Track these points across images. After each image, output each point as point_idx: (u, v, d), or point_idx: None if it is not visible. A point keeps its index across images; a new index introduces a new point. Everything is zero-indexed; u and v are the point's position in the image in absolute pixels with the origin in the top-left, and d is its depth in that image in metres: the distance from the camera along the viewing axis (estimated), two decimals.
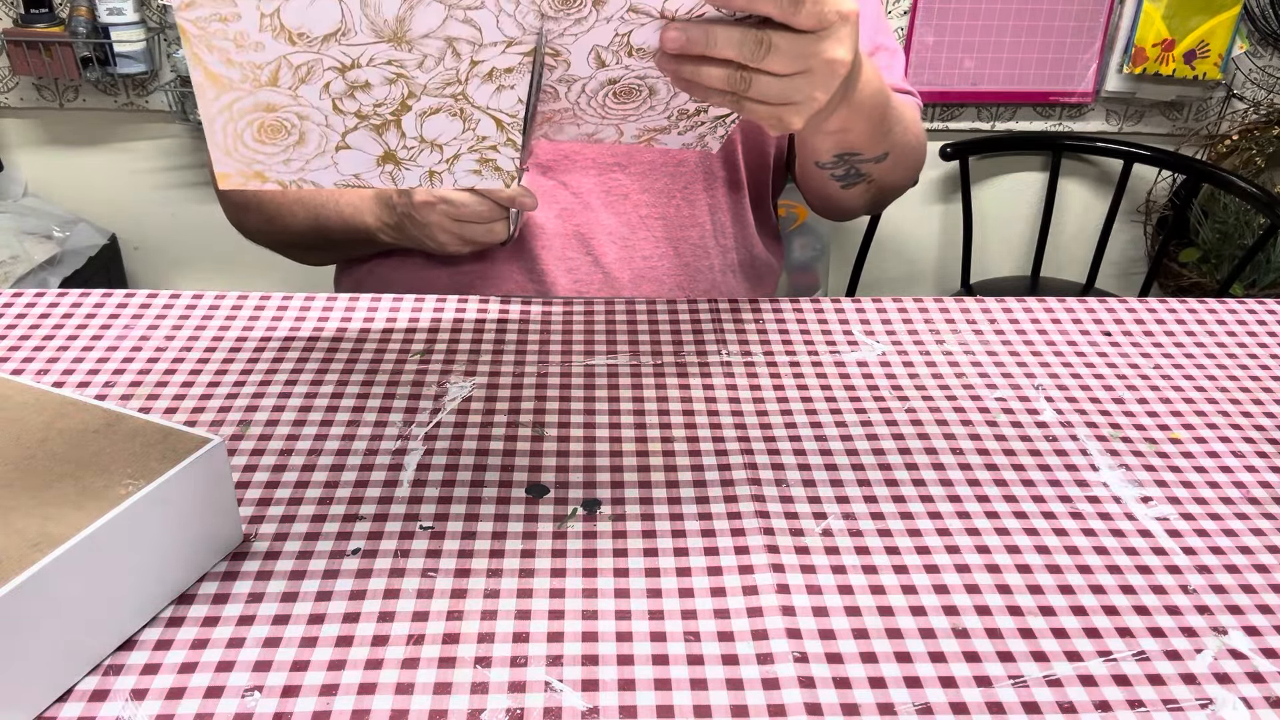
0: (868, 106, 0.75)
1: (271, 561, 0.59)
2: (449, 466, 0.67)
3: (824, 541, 0.61)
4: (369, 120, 0.67)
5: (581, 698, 0.51)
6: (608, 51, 0.65)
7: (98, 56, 1.86)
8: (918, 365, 0.79)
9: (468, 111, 0.66)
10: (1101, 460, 0.69)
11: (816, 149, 0.85)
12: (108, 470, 0.55)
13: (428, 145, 0.69)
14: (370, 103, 0.66)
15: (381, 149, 0.69)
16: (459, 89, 0.65)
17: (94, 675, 0.52)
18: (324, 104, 0.66)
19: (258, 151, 0.70)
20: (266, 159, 0.70)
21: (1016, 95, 2.04)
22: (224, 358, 0.77)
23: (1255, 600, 0.58)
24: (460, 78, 0.65)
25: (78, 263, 1.94)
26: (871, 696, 0.52)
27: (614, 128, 0.72)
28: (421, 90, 0.65)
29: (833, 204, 0.96)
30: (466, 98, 0.66)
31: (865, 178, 0.88)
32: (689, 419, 0.72)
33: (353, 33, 0.62)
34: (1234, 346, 0.83)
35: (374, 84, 0.65)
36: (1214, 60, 1.96)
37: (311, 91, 0.65)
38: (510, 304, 0.84)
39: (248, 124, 0.68)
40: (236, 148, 0.69)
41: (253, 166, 0.70)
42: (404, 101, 0.66)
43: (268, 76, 0.65)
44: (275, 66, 0.64)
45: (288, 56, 0.63)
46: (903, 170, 0.91)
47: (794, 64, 0.60)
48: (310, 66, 0.64)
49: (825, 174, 0.88)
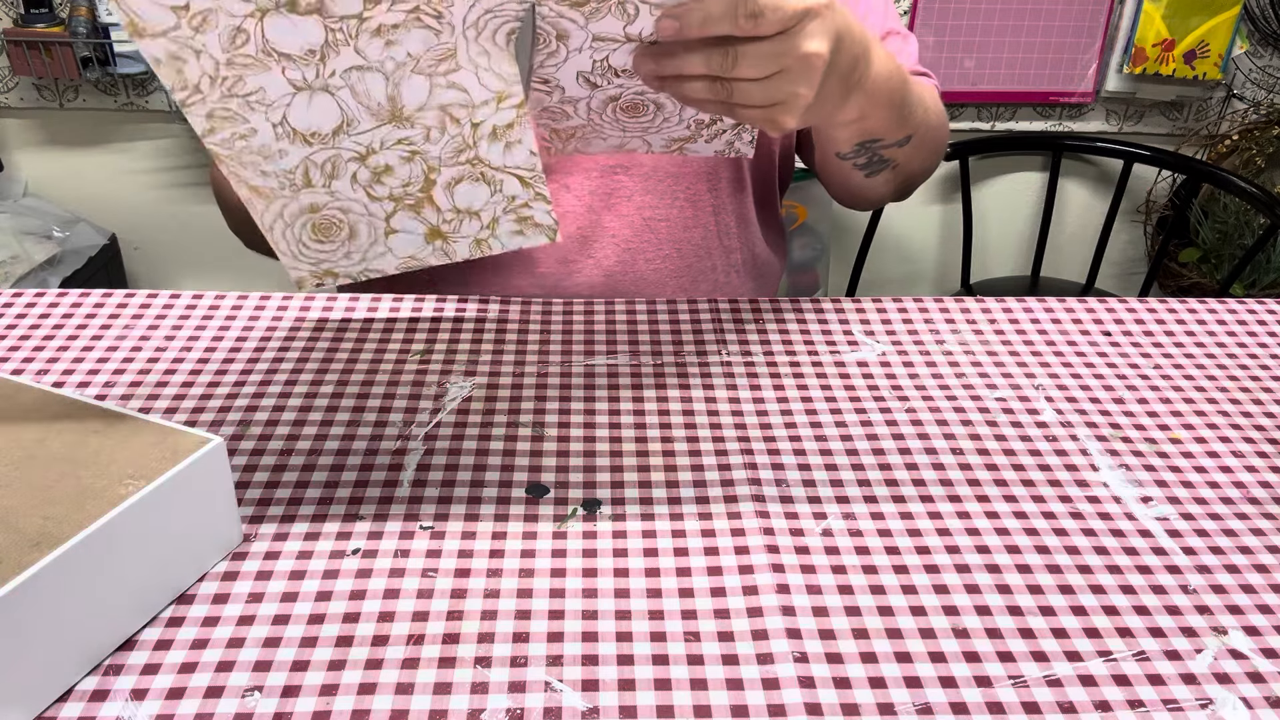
0: (884, 91, 0.74)
1: (271, 561, 0.59)
2: (449, 466, 0.67)
3: (824, 541, 0.61)
4: (403, 202, 0.71)
5: (581, 698, 0.51)
6: (594, 74, 0.67)
7: (98, 56, 1.86)
8: (918, 365, 0.79)
9: (488, 174, 0.69)
10: (1101, 460, 0.69)
11: (836, 140, 0.83)
12: (108, 470, 0.55)
13: (465, 214, 0.72)
14: (398, 184, 0.69)
15: (425, 226, 0.73)
16: (472, 153, 0.68)
17: (94, 675, 0.52)
18: (358, 194, 0.70)
19: (319, 250, 0.74)
20: (329, 256, 0.74)
21: (1016, 95, 2.04)
22: (224, 358, 0.77)
23: (1255, 600, 0.58)
24: (469, 142, 0.67)
25: (78, 263, 1.94)
26: (871, 696, 0.52)
27: (639, 139, 0.74)
28: (439, 163, 0.68)
29: (857, 194, 0.94)
30: (482, 161, 0.68)
31: (889, 164, 0.86)
32: (689, 419, 0.72)
33: (356, 122, 0.65)
34: (1234, 346, 0.83)
35: (394, 166, 0.68)
36: (1214, 60, 1.96)
37: (344, 185, 0.69)
38: (510, 304, 0.84)
39: (302, 227, 0.72)
40: (300, 251, 0.74)
41: (321, 265, 0.75)
42: (427, 177, 0.69)
43: (301, 179, 0.69)
44: (304, 168, 0.67)
45: (310, 157, 0.67)
46: (927, 152, 0.89)
47: (767, 66, 0.60)
48: (333, 161, 0.67)
49: (848, 165, 0.86)
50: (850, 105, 0.70)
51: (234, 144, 0.67)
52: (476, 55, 0.62)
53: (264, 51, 0.61)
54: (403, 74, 0.63)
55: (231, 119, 0.65)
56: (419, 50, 0.62)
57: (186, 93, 0.63)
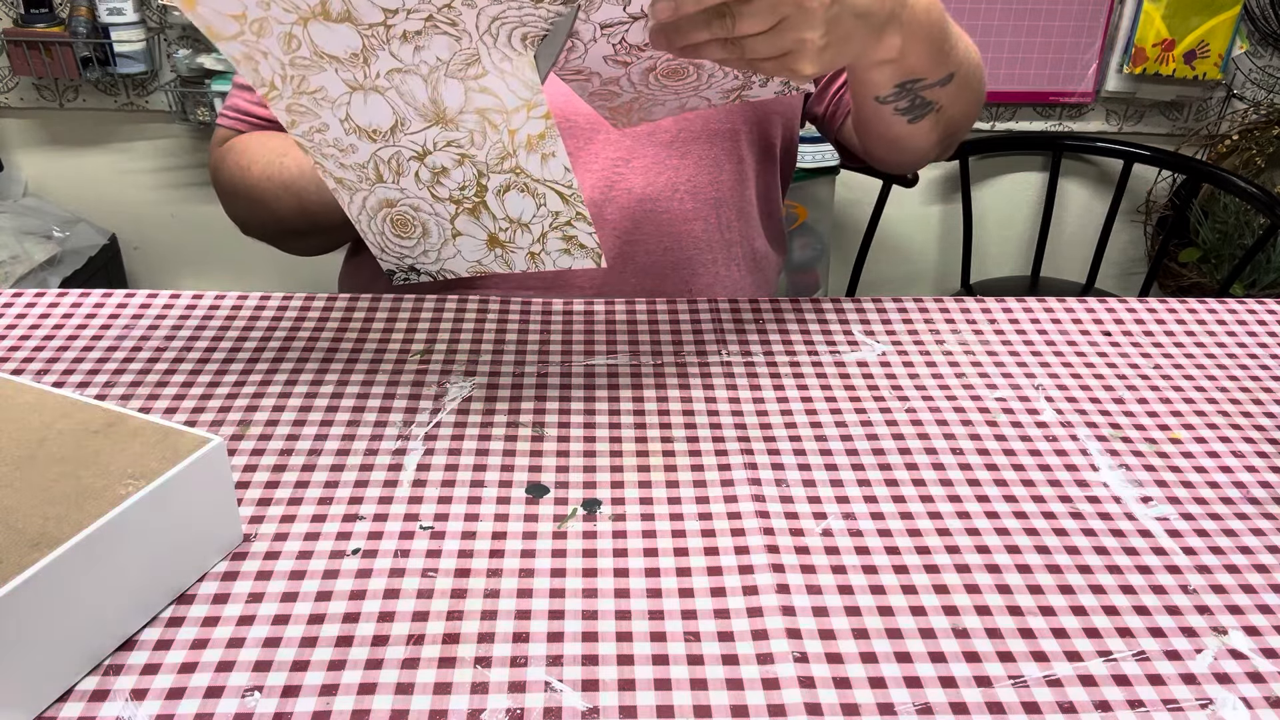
0: (924, 25, 0.72)
1: (271, 561, 0.59)
2: (449, 466, 0.67)
3: (824, 541, 0.61)
4: (463, 205, 0.74)
5: (581, 698, 0.51)
6: (620, 55, 0.68)
7: (98, 56, 1.86)
8: (918, 365, 0.79)
9: (531, 185, 0.72)
10: (1101, 460, 0.69)
11: (875, 83, 0.80)
12: (108, 470, 0.55)
13: (516, 225, 0.74)
14: (455, 186, 0.73)
15: (485, 233, 0.76)
16: (513, 161, 0.70)
17: (94, 675, 0.52)
18: (423, 193, 0.74)
19: (401, 245, 0.79)
20: (410, 251, 0.79)
21: (1016, 95, 2.04)
22: (224, 358, 0.77)
23: (1255, 600, 0.58)
24: (509, 149, 0.69)
25: (78, 263, 1.95)
26: (871, 696, 0.52)
27: (695, 98, 0.76)
28: (486, 168, 0.71)
29: (901, 146, 0.89)
30: (524, 171, 0.71)
31: (932, 106, 0.82)
32: (689, 419, 0.72)
33: (408, 121, 0.69)
34: (1234, 346, 0.83)
35: (449, 168, 0.72)
36: (1214, 60, 1.96)
37: (410, 183, 0.73)
38: (510, 304, 0.84)
39: (383, 220, 0.77)
40: (385, 244, 0.79)
41: (405, 260, 0.80)
42: (479, 181, 0.72)
43: (373, 173, 0.73)
44: (374, 163, 0.72)
45: (377, 152, 0.71)
46: (971, 96, 0.86)
47: (767, 19, 0.61)
48: (396, 158, 0.71)
49: (889, 109, 0.83)
50: (886, 42, 0.68)
51: (313, 137, 0.70)
52: (499, 61, 0.65)
53: (316, 54, 0.65)
54: (438, 76, 0.65)
55: (306, 114, 0.69)
56: (445, 55, 0.64)
57: (266, 89, 0.67)
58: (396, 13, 0.62)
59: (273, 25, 0.63)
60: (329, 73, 0.66)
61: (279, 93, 0.68)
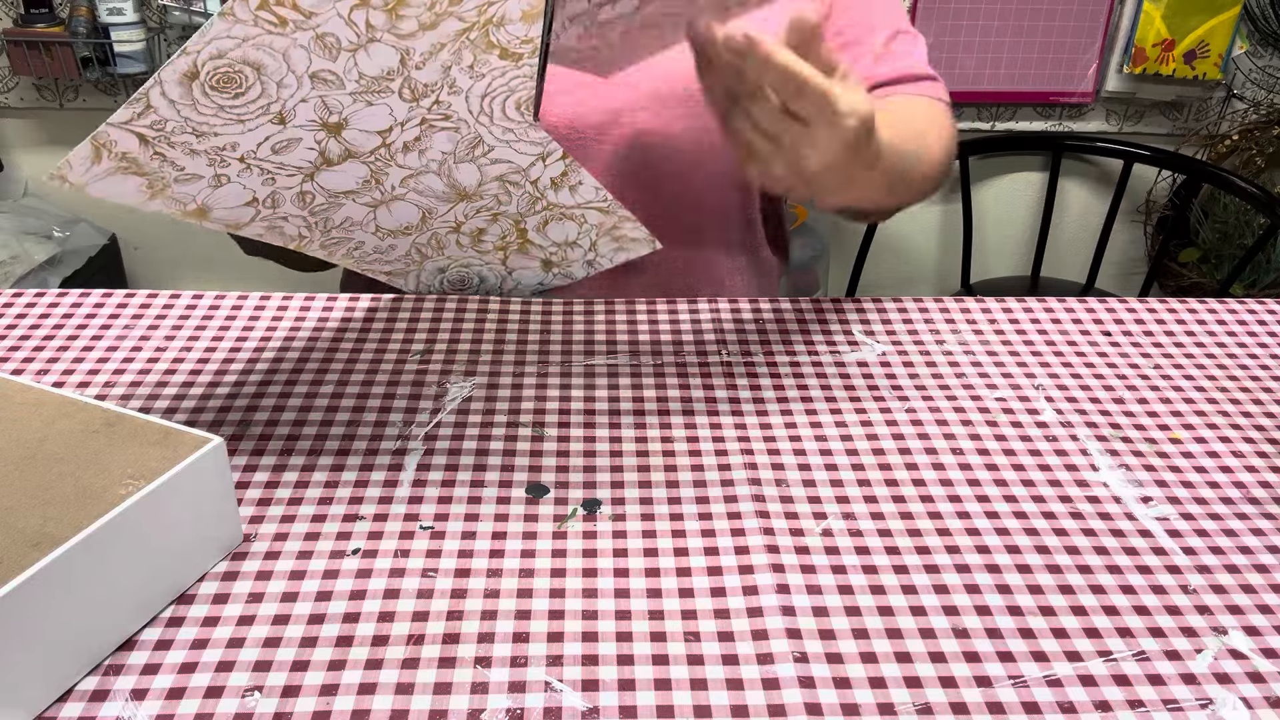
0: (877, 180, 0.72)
1: (271, 561, 0.59)
2: (449, 466, 0.67)
3: (824, 541, 0.61)
4: (509, 250, 0.77)
5: (581, 698, 0.51)
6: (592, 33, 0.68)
7: (98, 56, 1.86)
8: (918, 365, 0.79)
9: (568, 212, 0.74)
10: (1101, 460, 0.69)
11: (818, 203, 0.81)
12: (108, 470, 0.55)
13: (565, 246, 0.77)
14: (496, 238, 0.76)
15: (537, 261, 0.80)
16: (544, 202, 0.74)
17: (94, 675, 0.52)
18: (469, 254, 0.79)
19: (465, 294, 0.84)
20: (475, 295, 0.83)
21: (1016, 95, 2.04)
22: (224, 358, 0.77)
23: (1255, 600, 0.58)
24: (538, 193, 0.71)
25: (78, 263, 1.94)
26: (871, 696, 0.52)
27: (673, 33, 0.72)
28: (520, 216, 0.73)
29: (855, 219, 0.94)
30: (557, 205, 0.74)
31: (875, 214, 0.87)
32: (689, 419, 0.72)
33: (435, 209, 0.71)
34: (1234, 346, 0.83)
35: (485, 228, 0.75)
36: (1214, 60, 1.96)
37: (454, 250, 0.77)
38: (510, 304, 0.84)
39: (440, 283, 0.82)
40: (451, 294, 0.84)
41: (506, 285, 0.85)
42: (517, 226, 0.75)
43: (417, 256, 0.77)
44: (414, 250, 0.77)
45: (414, 242, 0.75)
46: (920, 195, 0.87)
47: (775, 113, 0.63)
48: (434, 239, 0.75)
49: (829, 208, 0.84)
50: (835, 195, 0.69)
51: (353, 254, 0.73)
52: (501, 134, 0.67)
53: (331, 198, 0.66)
54: (449, 166, 0.67)
55: (340, 242, 0.71)
56: (449, 147, 0.66)
57: (298, 242, 0.70)
58: (390, 130, 0.62)
59: (283, 194, 0.64)
60: (347, 206, 0.67)
61: (309, 238, 0.69)
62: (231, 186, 0.62)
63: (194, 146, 0.58)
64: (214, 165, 0.60)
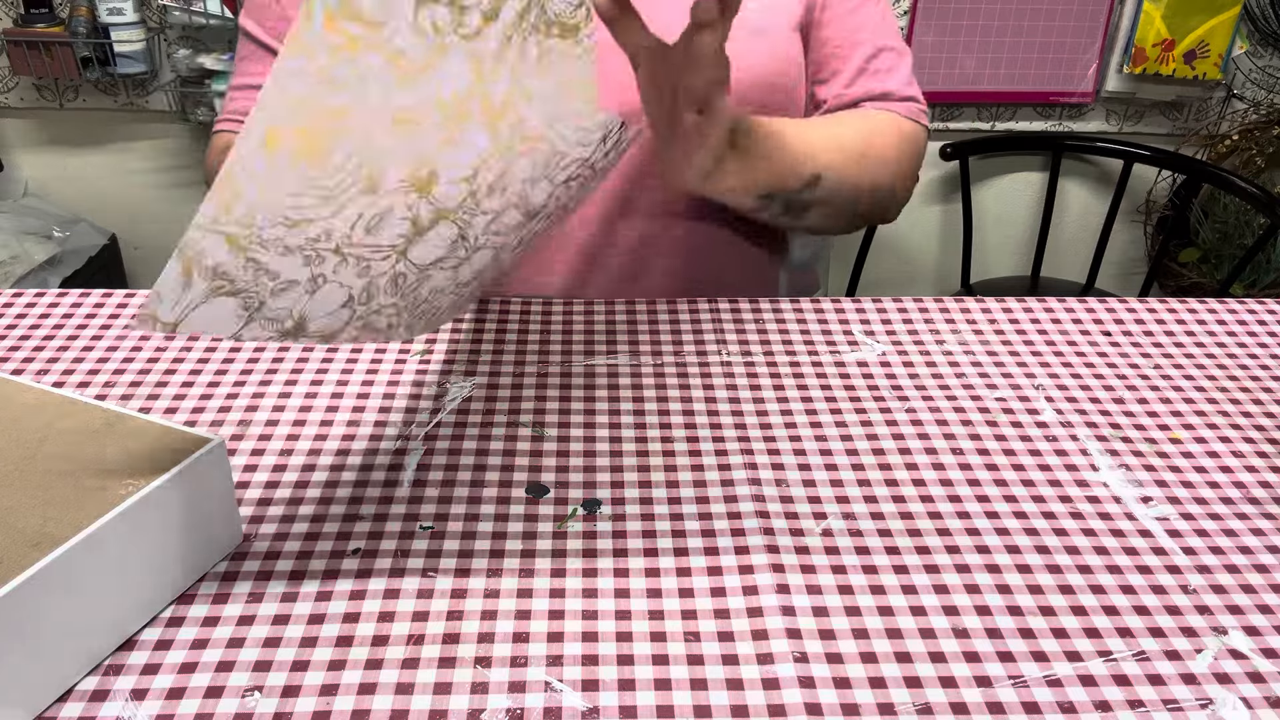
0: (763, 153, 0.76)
1: (271, 561, 0.59)
2: (449, 466, 0.67)
3: (824, 541, 0.61)
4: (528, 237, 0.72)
5: (581, 698, 0.51)
6: None
7: (98, 56, 1.86)
8: (918, 365, 0.79)
9: None
10: (1101, 460, 0.69)
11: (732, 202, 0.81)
12: (108, 470, 0.55)
13: None
14: None
15: None
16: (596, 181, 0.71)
17: (94, 675, 0.52)
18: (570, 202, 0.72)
19: None
20: None
21: (1016, 95, 2.04)
22: (224, 358, 0.77)
23: (1255, 600, 0.58)
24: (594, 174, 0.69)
25: (78, 263, 1.94)
26: (871, 696, 0.52)
27: None
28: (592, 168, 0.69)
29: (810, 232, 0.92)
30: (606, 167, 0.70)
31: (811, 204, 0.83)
32: (689, 419, 0.72)
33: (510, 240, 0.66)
34: (1234, 346, 0.83)
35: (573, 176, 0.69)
36: (1214, 60, 1.96)
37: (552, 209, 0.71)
38: (510, 304, 0.84)
39: None
40: None
41: None
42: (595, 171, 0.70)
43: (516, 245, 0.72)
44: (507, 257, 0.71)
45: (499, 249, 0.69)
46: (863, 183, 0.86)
47: None
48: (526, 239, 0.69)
49: (766, 216, 0.84)
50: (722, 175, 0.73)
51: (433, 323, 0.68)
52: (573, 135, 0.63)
53: (421, 272, 0.62)
54: (525, 193, 0.63)
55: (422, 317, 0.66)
56: (528, 173, 0.62)
57: (386, 335, 0.65)
58: (476, 174, 0.58)
59: (377, 282, 0.59)
60: (434, 274, 0.63)
61: (397, 325, 0.65)
62: (328, 288, 0.57)
63: (287, 242, 0.52)
64: (309, 264, 0.54)
